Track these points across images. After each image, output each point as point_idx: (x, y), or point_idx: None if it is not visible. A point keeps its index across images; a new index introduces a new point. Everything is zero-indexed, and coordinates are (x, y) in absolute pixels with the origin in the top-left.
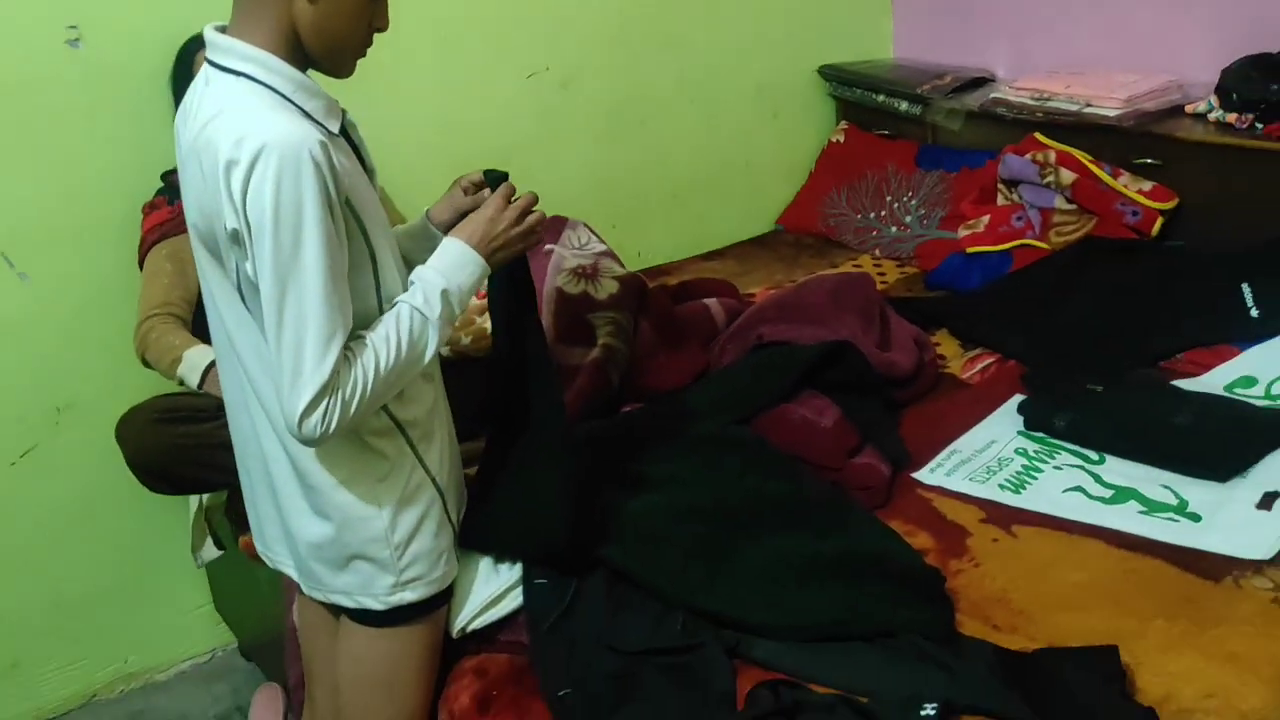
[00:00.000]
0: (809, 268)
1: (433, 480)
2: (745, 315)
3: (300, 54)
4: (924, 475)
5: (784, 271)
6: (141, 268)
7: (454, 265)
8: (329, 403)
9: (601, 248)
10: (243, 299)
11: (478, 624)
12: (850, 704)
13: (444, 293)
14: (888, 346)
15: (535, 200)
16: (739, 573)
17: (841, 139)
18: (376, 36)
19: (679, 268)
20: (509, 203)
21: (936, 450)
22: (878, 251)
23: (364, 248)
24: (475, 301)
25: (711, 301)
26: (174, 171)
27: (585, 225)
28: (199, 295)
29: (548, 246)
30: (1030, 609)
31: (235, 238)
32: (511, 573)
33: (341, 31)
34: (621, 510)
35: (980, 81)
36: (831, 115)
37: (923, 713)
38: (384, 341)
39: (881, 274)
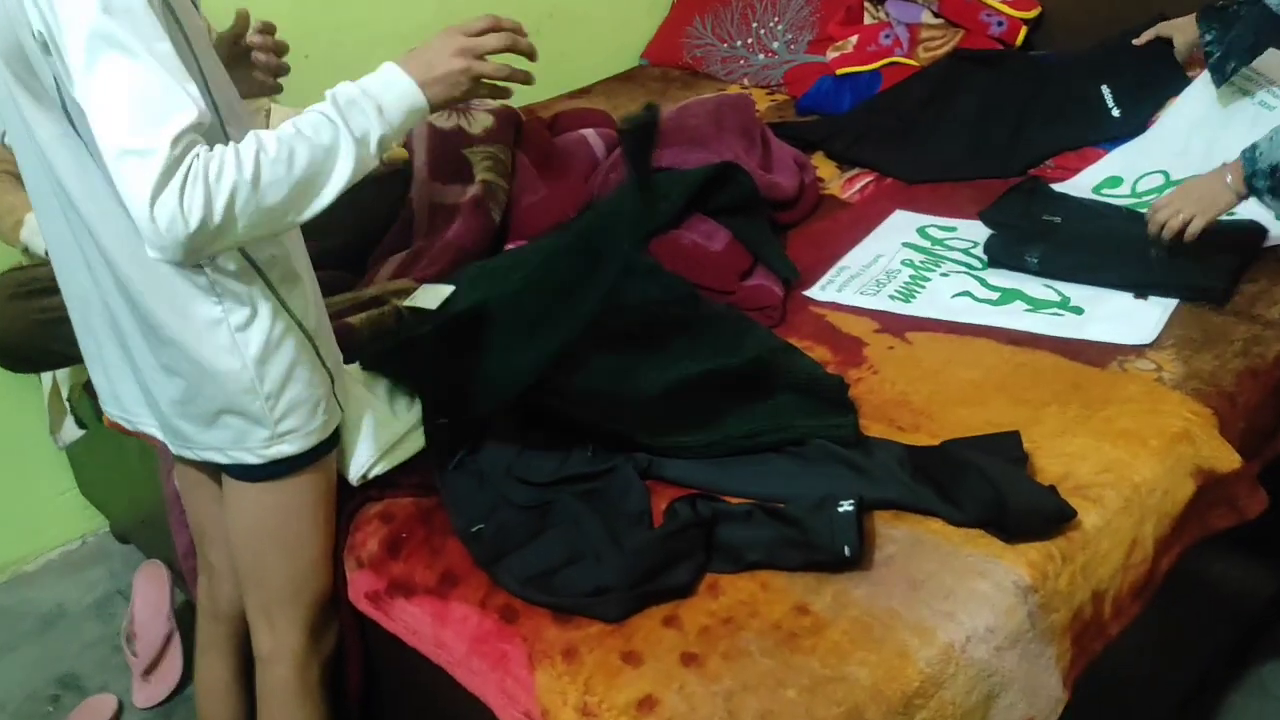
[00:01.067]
0: (678, 100)
1: (299, 325)
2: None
3: None
4: (816, 293)
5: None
6: None
7: (382, 85)
8: (186, 186)
9: None
10: (71, 123)
11: (379, 469)
12: (766, 509)
13: (363, 106)
14: (769, 169)
15: (513, 33)
16: (646, 397)
17: None
18: None
19: (545, 108)
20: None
21: (826, 269)
22: (746, 81)
23: (189, 55)
24: None
25: (589, 132)
26: None
27: None
28: None
29: None
30: (930, 408)
31: (45, 45)
32: (411, 414)
33: None
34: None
35: None
36: None
37: (840, 509)
38: (274, 139)
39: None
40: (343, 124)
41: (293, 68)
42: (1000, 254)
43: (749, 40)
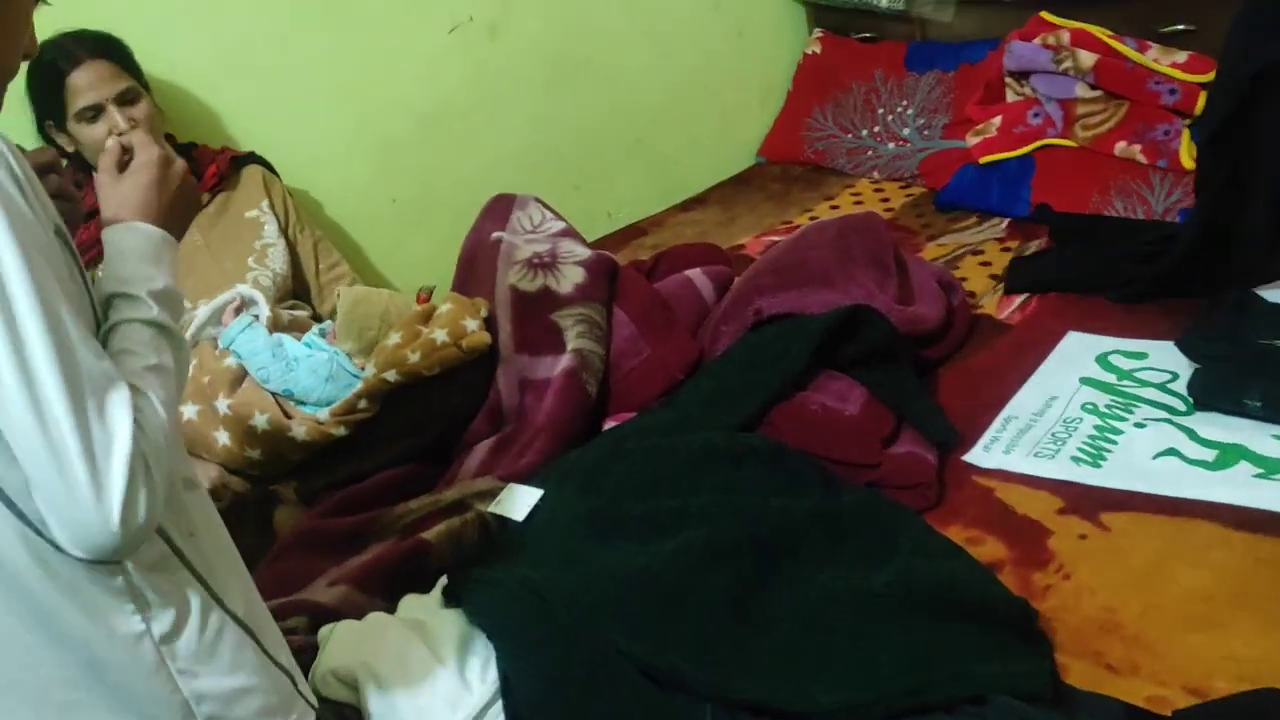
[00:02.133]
0: (802, 203)
1: (234, 617)
2: (737, 286)
3: None
4: (978, 457)
5: (775, 212)
6: None
7: (133, 257)
8: (144, 472)
9: (559, 226)
10: None
11: None
12: None
13: (136, 295)
14: (909, 299)
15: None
16: (780, 632)
17: (818, 50)
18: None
19: (657, 224)
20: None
21: (988, 420)
22: (876, 173)
23: (87, 297)
24: (416, 308)
25: (695, 273)
26: None
27: (537, 200)
28: None
29: (495, 234)
30: (1147, 634)
31: None
32: (487, 682)
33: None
34: (623, 569)
35: None
36: (803, 24)
37: None
38: (141, 363)
39: (885, 200)
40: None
41: (379, 212)
42: (1210, 394)
43: (876, 129)
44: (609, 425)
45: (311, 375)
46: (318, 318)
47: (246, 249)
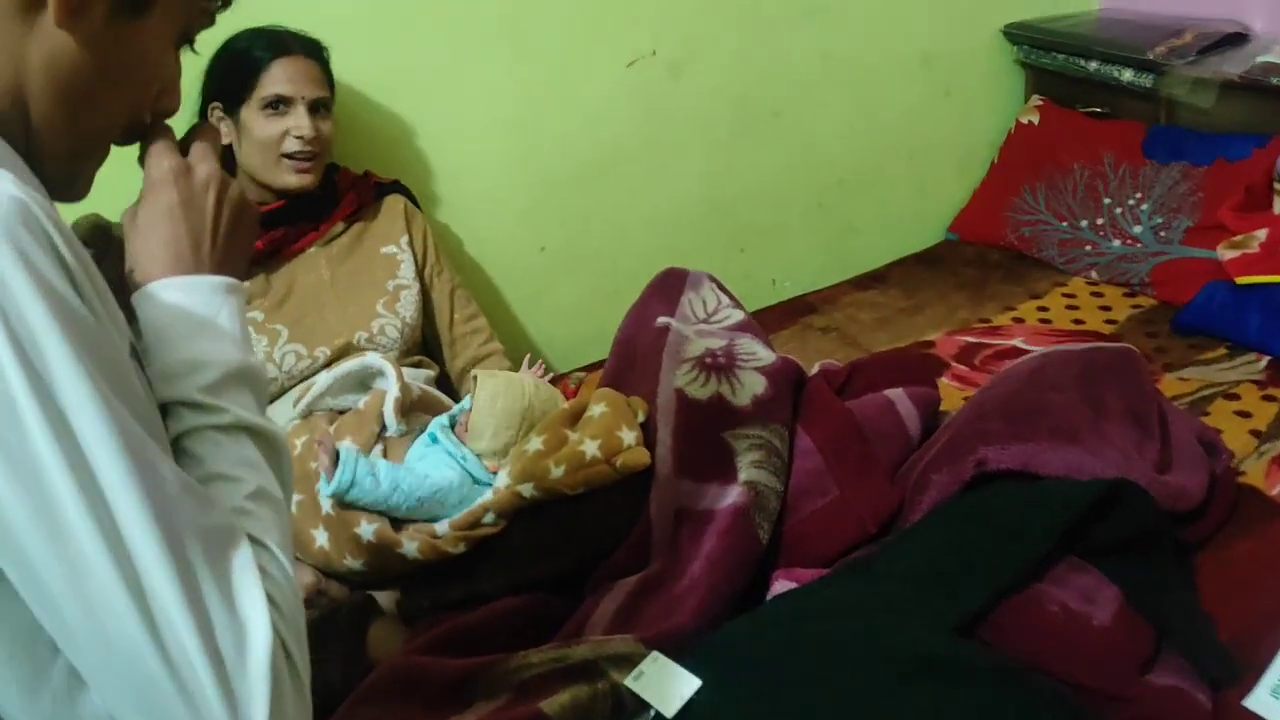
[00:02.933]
0: (1001, 297)
1: None
2: (956, 426)
3: (20, 122)
4: (1261, 703)
5: (968, 304)
6: None
7: (180, 334)
8: (287, 668)
9: (737, 316)
10: None
11: None
12: None
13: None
14: (1168, 464)
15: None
16: None
17: (1035, 120)
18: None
19: (828, 300)
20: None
21: (1269, 649)
22: (1095, 273)
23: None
24: (563, 405)
25: (898, 395)
26: None
27: (712, 280)
28: None
29: (661, 319)
30: None
31: None
32: None
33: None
34: None
35: (1234, 39)
36: (1020, 89)
37: None
38: (239, 494)
39: (1106, 308)
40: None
41: (526, 258)
42: None
43: (1099, 221)
44: (781, 584)
45: (441, 507)
46: (445, 376)
47: (378, 290)
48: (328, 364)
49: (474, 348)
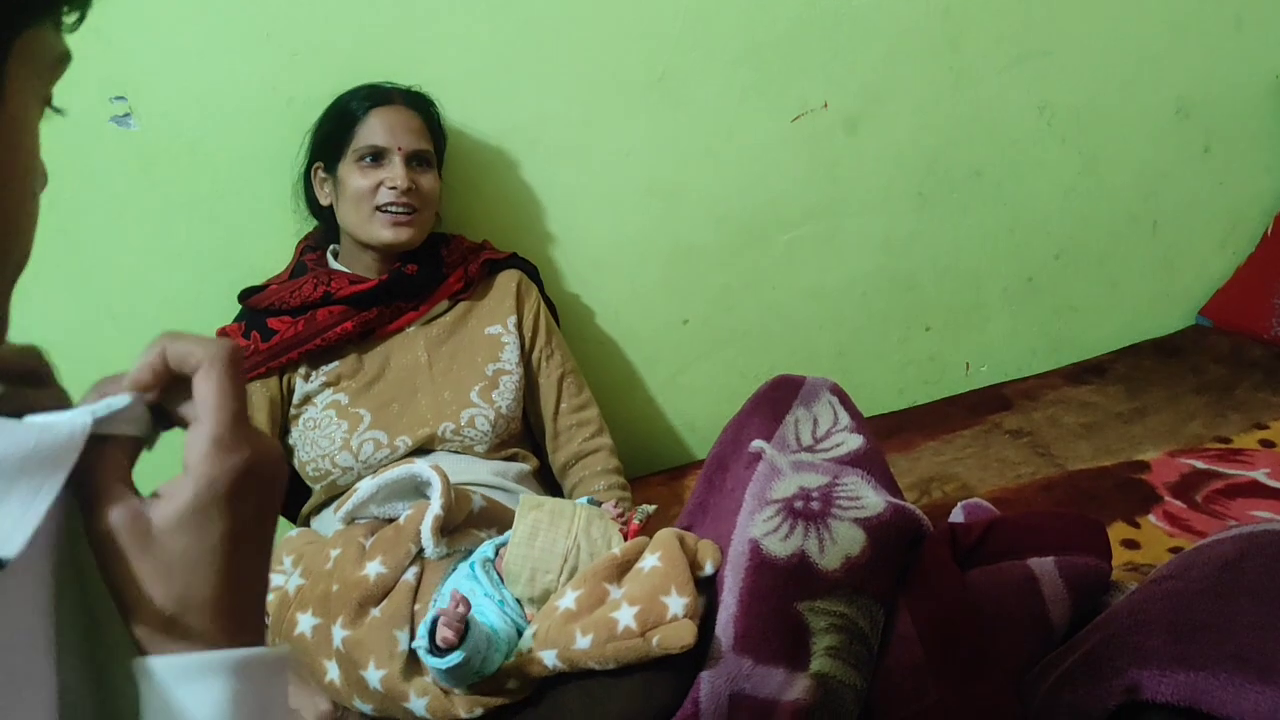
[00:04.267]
0: (1254, 408)
1: None
2: (1105, 628)
3: None
4: None
5: (1206, 414)
6: None
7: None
8: None
9: (853, 444)
10: None
11: None
12: None
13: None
14: None
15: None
16: None
17: None
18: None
19: (1028, 394)
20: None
21: None
22: None
23: None
24: (614, 548)
25: (1045, 566)
26: (257, 291)
27: (834, 394)
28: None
29: (756, 443)
30: None
31: None
32: None
33: None
34: None
35: None
36: None
37: None
38: None
39: None
40: None
41: (665, 332)
42: None
43: None
44: None
45: (489, 665)
46: (547, 469)
47: (476, 375)
48: (408, 455)
49: (578, 441)
